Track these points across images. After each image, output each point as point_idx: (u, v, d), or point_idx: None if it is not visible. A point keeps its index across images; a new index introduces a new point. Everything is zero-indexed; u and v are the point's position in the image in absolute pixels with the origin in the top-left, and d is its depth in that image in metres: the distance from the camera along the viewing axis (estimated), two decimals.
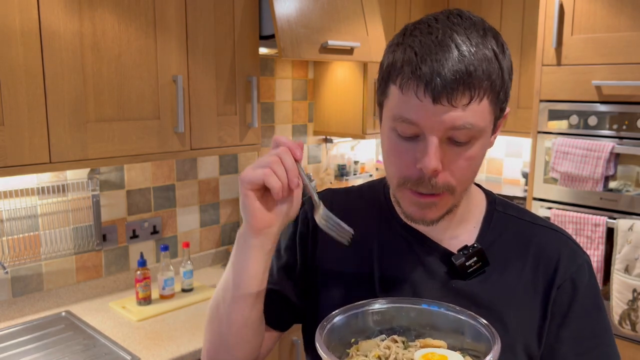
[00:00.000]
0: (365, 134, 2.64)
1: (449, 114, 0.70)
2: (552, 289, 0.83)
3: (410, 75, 0.71)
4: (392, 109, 0.75)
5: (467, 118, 0.71)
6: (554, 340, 0.84)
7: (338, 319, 0.74)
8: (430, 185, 0.75)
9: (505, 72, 0.74)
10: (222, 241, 2.55)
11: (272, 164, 0.73)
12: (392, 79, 0.74)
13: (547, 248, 0.86)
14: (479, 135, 0.74)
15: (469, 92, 0.70)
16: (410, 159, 0.75)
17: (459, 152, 0.74)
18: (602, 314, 0.86)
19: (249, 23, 2.03)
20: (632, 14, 2.10)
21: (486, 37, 0.72)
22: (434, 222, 0.80)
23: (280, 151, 0.74)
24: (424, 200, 0.77)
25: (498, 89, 0.73)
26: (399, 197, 0.81)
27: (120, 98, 1.72)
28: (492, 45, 0.72)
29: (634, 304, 2.10)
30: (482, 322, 0.72)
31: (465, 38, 0.71)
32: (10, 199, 1.85)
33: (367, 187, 0.99)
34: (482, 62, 0.70)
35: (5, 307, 1.88)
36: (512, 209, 0.91)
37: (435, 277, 0.85)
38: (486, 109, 0.73)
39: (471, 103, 0.70)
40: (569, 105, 2.28)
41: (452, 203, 0.79)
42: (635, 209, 2.14)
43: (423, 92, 0.70)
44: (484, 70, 0.70)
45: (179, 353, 1.71)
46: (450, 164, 0.74)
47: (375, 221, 0.92)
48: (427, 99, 0.70)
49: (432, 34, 0.71)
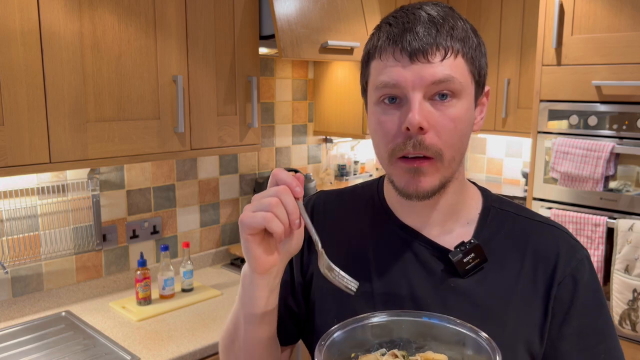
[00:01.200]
0: (365, 134, 2.64)
1: (427, 69, 0.74)
2: (552, 285, 0.83)
3: (386, 43, 0.77)
4: (374, 80, 0.79)
5: (445, 70, 0.75)
6: (556, 337, 0.83)
7: (337, 335, 0.73)
8: (418, 144, 0.75)
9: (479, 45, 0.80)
10: (222, 241, 2.55)
11: (273, 207, 0.71)
12: (372, 56, 0.80)
13: (545, 244, 0.85)
14: (459, 92, 0.76)
15: (443, 47, 0.75)
16: (395, 125, 0.77)
17: (443, 111, 0.76)
18: (604, 309, 0.85)
19: (249, 23, 2.03)
20: (632, 14, 2.10)
21: (454, 12, 0.79)
22: (427, 193, 0.79)
23: (280, 191, 0.72)
24: (413, 165, 0.77)
25: (472, 54, 0.78)
26: (392, 173, 0.81)
27: (120, 98, 1.72)
28: (462, 21, 0.79)
29: (634, 304, 2.10)
30: (483, 335, 0.71)
31: (435, 7, 0.78)
32: (10, 199, 1.85)
33: (361, 187, 0.99)
34: (452, 24, 0.76)
35: (5, 307, 1.88)
36: (509, 205, 0.91)
37: (433, 275, 0.84)
38: (462, 66, 0.77)
39: (446, 58, 0.75)
40: (569, 105, 2.28)
41: (442, 173, 0.79)
42: (635, 209, 2.14)
43: (400, 52, 0.75)
44: (454, 28, 0.76)
45: (179, 353, 1.71)
46: (436, 124, 0.76)
47: (370, 221, 0.91)
48: (404, 58, 0.75)
49: (404, 9, 0.79)
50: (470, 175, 3.42)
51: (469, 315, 0.81)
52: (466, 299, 0.82)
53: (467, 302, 0.82)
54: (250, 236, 0.73)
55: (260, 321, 0.82)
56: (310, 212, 0.95)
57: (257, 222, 0.71)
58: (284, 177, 0.74)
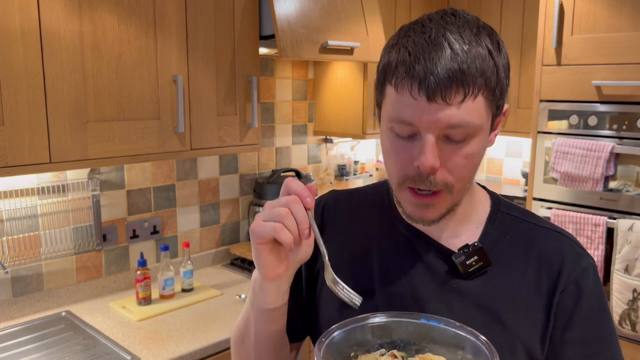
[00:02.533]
0: (365, 134, 2.64)
1: (443, 112, 0.71)
2: (555, 292, 0.82)
3: (404, 75, 0.72)
4: (388, 110, 0.77)
5: (462, 116, 0.71)
6: (558, 344, 0.83)
7: (337, 334, 0.74)
8: (428, 182, 0.75)
9: (501, 69, 0.74)
10: (222, 241, 2.55)
11: (283, 218, 0.72)
12: (388, 80, 0.76)
13: (551, 250, 0.85)
14: (475, 133, 0.74)
15: (463, 89, 0.70)
16: (408, 158, 0.76)
17: (456, 150, 0.74)
18: (608, 318, 0.85)
19: (249, 23, 2.03)
20: (632, 14, 2.10)
21: (480, 35, 0.73)
22: (433, 221, 0.81)
23: (290, 201, 0.73)
24: (422, 201, 0.78)
25: (493, 86, 0.74)
26: (399, 198, 0.82)
27: (120, 98, 1.72)
28: (486, 43, 0.73)
29: (634, 304, 2.10)
30: (482, 339, 0.71)
31: (459, 36, 0.72)
32: (10, 199, 1.85)
33: (371, 188, 1.00)
34: (475, 59, 0.71)
35: (5, 307, 1.88)
36: (516, 210, 0.91)
37: (436, 277, 0.85)
38: (482, 106, 0.73)
39: (465, 100, 0.71)
40: (569, 105, 2.28)
41: (450, 202, 0.79)
42: (635, 209, 2.14)
43: (417, 90, 0.71)
44: (477, 67, 0.71)
45: (179, 353, 1.71)
46: (448, 161, 0.75)
47: (377, 222, 0.92)
48: (421, 98, 0.71)
49: (425, 34, 0.73)
50: None
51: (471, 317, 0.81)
52: (468, 301, 0.82)
53: (470, 304, 0.82)
54: (260, 245, 0.74)
55: (269, 320, 0.83)
56: (321, 211, 0.97)
57: (266, 232, 0.72)
58: (296, 187, 0.74)
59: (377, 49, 2.34)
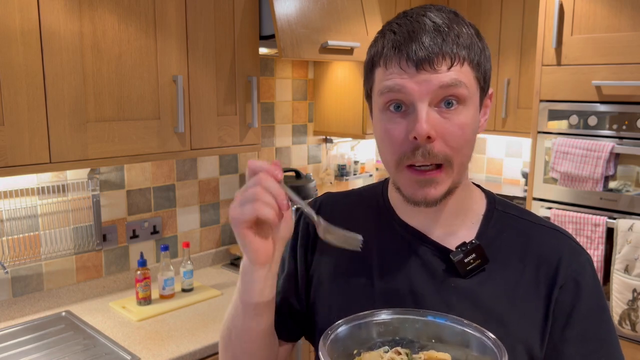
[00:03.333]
0: (365, 134, 2.64)
1: (433, 78, 0.74)
2: (554, 289, 0.83)
3: (391, 52, 0.76)
4: (378, 86, 0.79)
5: (451, 75, 0.74)
6: (558, 341, 0.83)
7: (342, 329, 0.73)
8: (427, 153, 0.75)
9: (484, 51, 0.79)
10: (222, 241, 2.55)
11: (259, 195, 0.71)
12: (376, 63, 0.79)
13: (548, 247, 0.85)
14: (465, 100, 0.76)
15: (450, 57, 0.74)
16: (403, 134, 0.76)
17: (449, 118, 0.76)
18: (607, 314, 0.85)
19: (249, 23, 2.03)
20: (632, 14, 2.10)
21: (458, 17, 0.79)
22: (435, 200, 0.79)
23: (260, 178, 0.72)
24: (424, 177, 0.77)
25: (477, 60, 0.77)
26: (399, 181, 0.81)
27: (120, 98, 1.72)
28: (466, 26, 0.78)
29: (634, 304, 2.11)
30: (489, 335, 0.71)
31: (439, 14, 0.77)
32: (10, 199, 1.85)
33: (366, 189, 1.00)
34: (459, 34, 0.75)
35: (5, 307, 1.88)
36: (512, 208, 0.91)
37: (434, 276, 0.85)
38: (469, 73, 0.76)
39: (453, 66, 0.74)
40: (569, 105, 2.28)
41: (451, 180, 0.79)
42: (635, 209, 2.14)
43: (405, 62, 0.74)
44: (460, 38, 0.75)
45: (179, 353, 1.71)
46: (443, 132, 0.75)
47: (374, 223, 0.92)
48: (410, 68, 0.74)
49: (407, 16, 0.78)
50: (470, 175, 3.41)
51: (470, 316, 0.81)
52: (467, 299, 0.83)
53: (468, 303, 0.82)
54: (244, 230, 0.73)
55: (258, 312, 0.82)
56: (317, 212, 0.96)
57: (248, 214, 0.71)
58: (260, 164, 0.73)
59: None
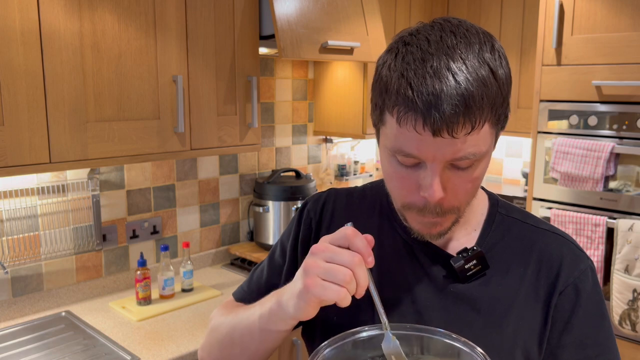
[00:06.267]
0: (365, 134, 2.64)
1: (450, 146, 0.69)
2: (553, 294, 0.82)
3: (406, 109, 0.68)
4: (390, 140, 0.73)
5: (468, 149, 0.69)
6: (556, 346, 0.82)
7: (327, 352, 0.72)
8: (435, 211, 0.75)
9: (504, 85, 0.71)
10: (222, 241, 2.55)
11: (347, 283, 0.67)
12: (388, 108, 0.71)
13: (549, 252, 0.84)
14: (481, 159, 0.74)
15: (470, 122, 0.68)
16: (413, 186, 0.74)
17: (462, 176, 0.73)
18: (606, 322, 0.84)
19: (249, 23, 2.03)
20: (632, 14, 2.09)
21: (482, 53, 0.69)
22: (441, 236, 0.81)
23: (355, 262, 0.68)
24: (429, 221, 0.77)
25: (497, 107, 0.71)
26: (405, 215, 0.80)
27: (120, 98, 1.72)
28: (488, 62, 0.69)
29: (634, 304, 2.10)
30: (478, 351, 0.70)
31: (461, 64, 0.67)
32: (10, 199, 1.85)
33: (370, 188, 0.99)
34: (480, 88, 0.67)
35: (5, 307, 1.88)
36: (516, 212, 0.90)
37: (434, 281, 0.84)
38: (487, 133, 0.72)
39: (472, 132, 0.69)
40: (569, 105, 2.28)
41: (457, 217, 0.80)
42: (635, 209, 2.14)
43: (422, 126, 0.67)
44: (483, 97, 0.67)
45: (179, 353, 1.71)
46: (454, 187, 0.74)
47: (376, 224, 0.91)
48: (426, 133, 0.68)
49: (426, 63, 0.67)
50: None
51: (469, 320, 0.81)
52: (466, 304, 0.82)
53: (467, 307, 0.82)
54: (315, 304, 0.71)
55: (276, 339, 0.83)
56: (320, 208, 0.96)
57: (329, 297, 0.68)
58: (359, 244, 0.69)
59: (377, 49, 2.34)
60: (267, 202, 2.48)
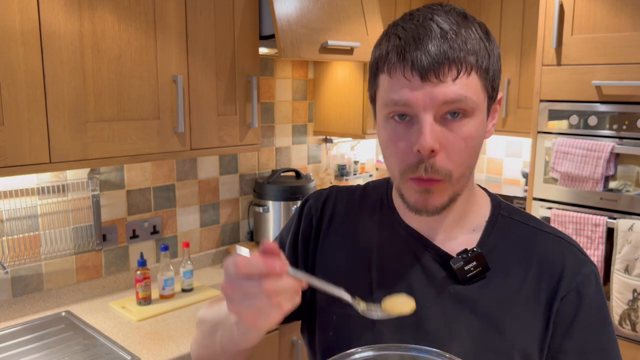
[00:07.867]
0: (365, 134, 2.64)
1: (439, 89, 0.71)
2: (555, 299, 0.81)
3: (396, 59, 0.73)
4: (383, 96, 0.77)
5: (458, 90, 0.72)
6: (556, 352, 0.81)
7: None
8: (429, 167, 0.74)
9: (494, 53, 0.76)
10: (222, 241, 2.55)
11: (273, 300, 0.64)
12: (381, 69, 0.76)
13: (551, 256, 0.83)
14: (471, 111, 0.74)
15: (455, 66, 0.71)
16: (407, 145, 0.75)
17: (454, 130, 0.74)
18: (609, 327, 0.83)
19: (249, 23, 2.03)
20: (632, 14, 2.09)
21: (468, 20, 0.75)
22: (437, 210, 0.78)
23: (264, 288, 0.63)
24: (424, 187, 0.76)
25: (486, 67, 0.74)
26: (403, 190, 0.80)
27: (120, 98, 1.72)
28: (475, 28, 0.75)
29: (634, 304, 2.10)
30: None
31: (446, 18, 0.73)
32: (10, 199, 1.85)
33: (371, 186, 0.98)
34: (466, 39, 0.72)
35: (5, 307, 1.88)
36: (518, 213, 0.89)
37: (434, 281, 0.83)
38: (476, 83, 0.74)
39: (459, 77, 0.72)
40: (569, 105, 2.28)
41: (452, 190, 0.78)
42: (635, 209, 2.14)
43: (410, 71, 0.72)
44: (468, 46, 0.72)
45: (179, 353, 1.71)
46: (447, 144, 0.74)
47: (377, 222, 0.91)
48: (415, 78, 0.72)
49: (414, 19, 0.75)
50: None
51: (468, 323, 0.80)
52: (466, 306, 0.81)
53: (467, 309, 0.81)
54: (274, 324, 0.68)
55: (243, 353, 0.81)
56: (322, 205, 0.95)
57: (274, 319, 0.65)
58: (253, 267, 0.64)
59: None
60: (267, 202, 2.48)
